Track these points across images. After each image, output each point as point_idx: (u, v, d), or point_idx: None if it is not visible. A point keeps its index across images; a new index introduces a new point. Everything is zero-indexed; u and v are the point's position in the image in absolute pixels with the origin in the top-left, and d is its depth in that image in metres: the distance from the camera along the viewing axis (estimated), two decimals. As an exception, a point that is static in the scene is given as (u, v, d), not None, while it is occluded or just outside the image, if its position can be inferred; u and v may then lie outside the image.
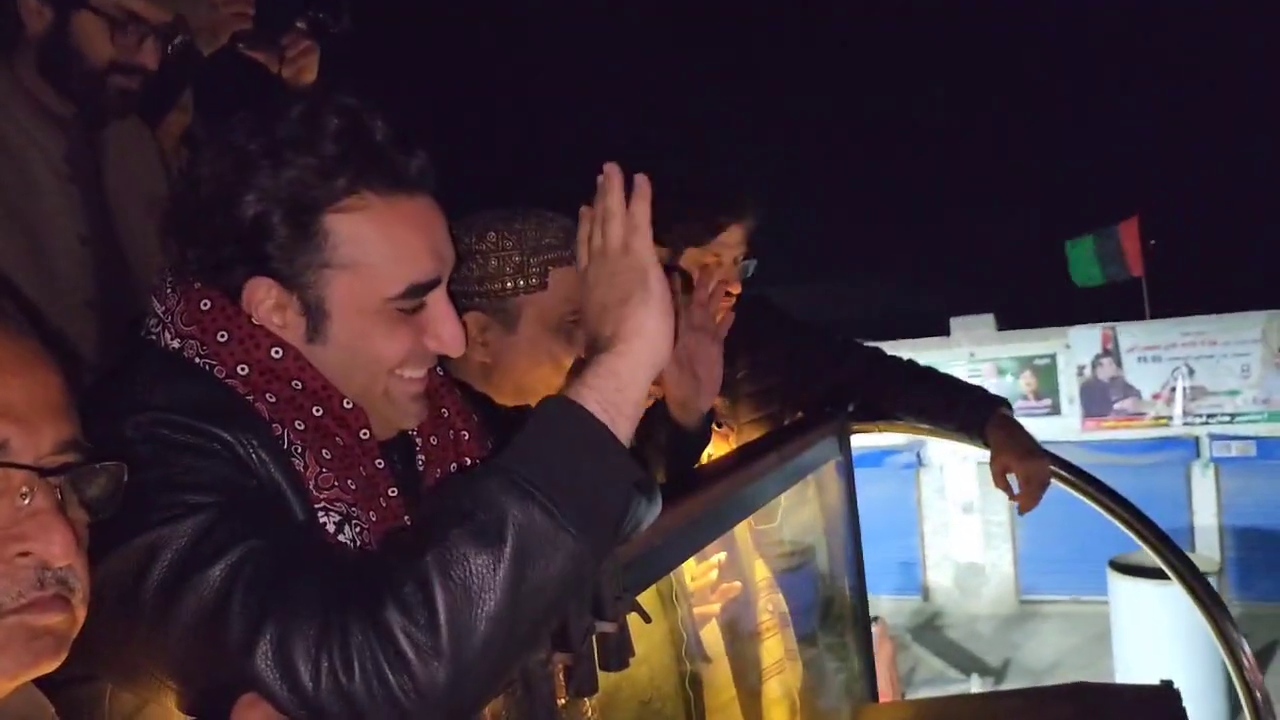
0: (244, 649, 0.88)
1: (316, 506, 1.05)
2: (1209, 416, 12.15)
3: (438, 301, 1.16)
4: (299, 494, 1.04)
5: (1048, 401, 12.47)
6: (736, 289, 2.26)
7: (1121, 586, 9.12)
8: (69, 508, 0.82)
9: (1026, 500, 2.45)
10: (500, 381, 1.60)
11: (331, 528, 1.05)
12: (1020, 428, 2.51)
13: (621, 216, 1.15)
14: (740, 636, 2.08)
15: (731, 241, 2.24)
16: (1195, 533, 12.29)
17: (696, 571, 1.86)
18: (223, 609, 0.90)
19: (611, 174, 1.18)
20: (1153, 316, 12.61)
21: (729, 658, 1.95)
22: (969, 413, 2.52)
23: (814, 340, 2.63)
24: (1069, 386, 12.53)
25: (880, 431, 2.68)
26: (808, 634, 2.46)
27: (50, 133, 1.77)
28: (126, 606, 0.92)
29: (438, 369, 1.27)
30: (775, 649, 2.21)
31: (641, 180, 1.16)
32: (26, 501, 0.79)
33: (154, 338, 1.12)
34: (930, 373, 2.66)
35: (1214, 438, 12.06)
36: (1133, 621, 8.99)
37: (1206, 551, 12.20)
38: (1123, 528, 2.63)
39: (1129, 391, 12.45)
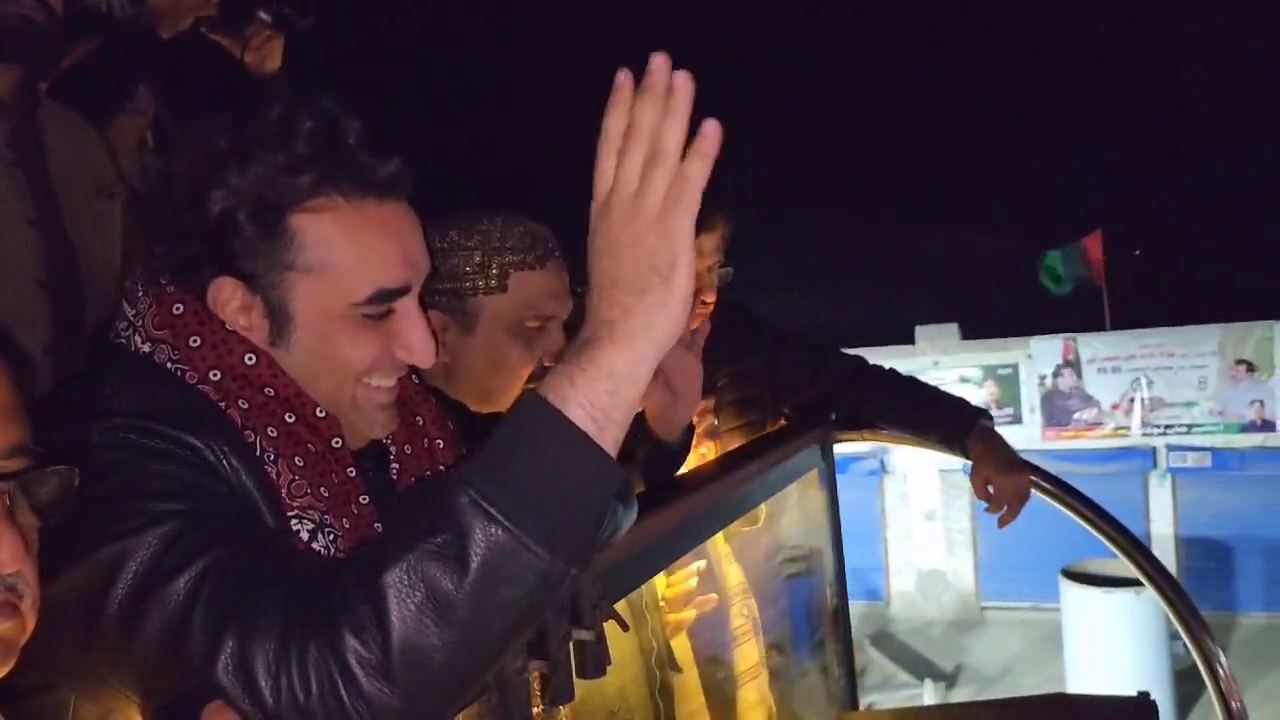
0: (206, 661, 0.88)
1: (289, 514, 1.04)
2: (1166, 427, 12.33)
3: (408, 310, 1.13)
4: (270, 501, 1.03)
5: (1009, 410, 12.58)
6: (712, 298, 2.25)
7: (1073, 594, 9.20)
8: (18, 513, 0.80)
9: (1007, 514, 2.47)
10: (460, 384, 1.59)
11: (305, 535, 1.04)
12: (1001, 440, 2.53)
13: (673, 164, 0.91)
14: (713, 643, 2.08)
15: (706, 249, 2.21)
16: (1152, 541, 12.45)
17: (673, 579, 1.86)
18: (185, 622, 0.89)
19: (679, 86, 0.90)
20: (1113, 328, 12.79)
21: (699, 664, 1.95)
22: (951, 425, 2.53)
23: (794, 350, 2.63)
24: (1030, 396, 12.66)
25: (864, 440, 2.68)
26: (787, 640, 2.47)
27: None
28: (92, 617, 0.91)
29: (412, 376, 1.25)
30: (750, 654, 2.21)
31: (711, 126, 0.90)
32: None
33: (124, 341, 1.10)
34: (913, 384, 2.67)
35: (1171, 448, 12.23)
36: (1083, 629, 9.10)
37: (1162, 560, 12.39)
38: (1102, 539, 2.67)
39: (1089, 401, 12.61)
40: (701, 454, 2.03)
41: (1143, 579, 2.60)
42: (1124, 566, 8.39)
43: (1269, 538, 11.81)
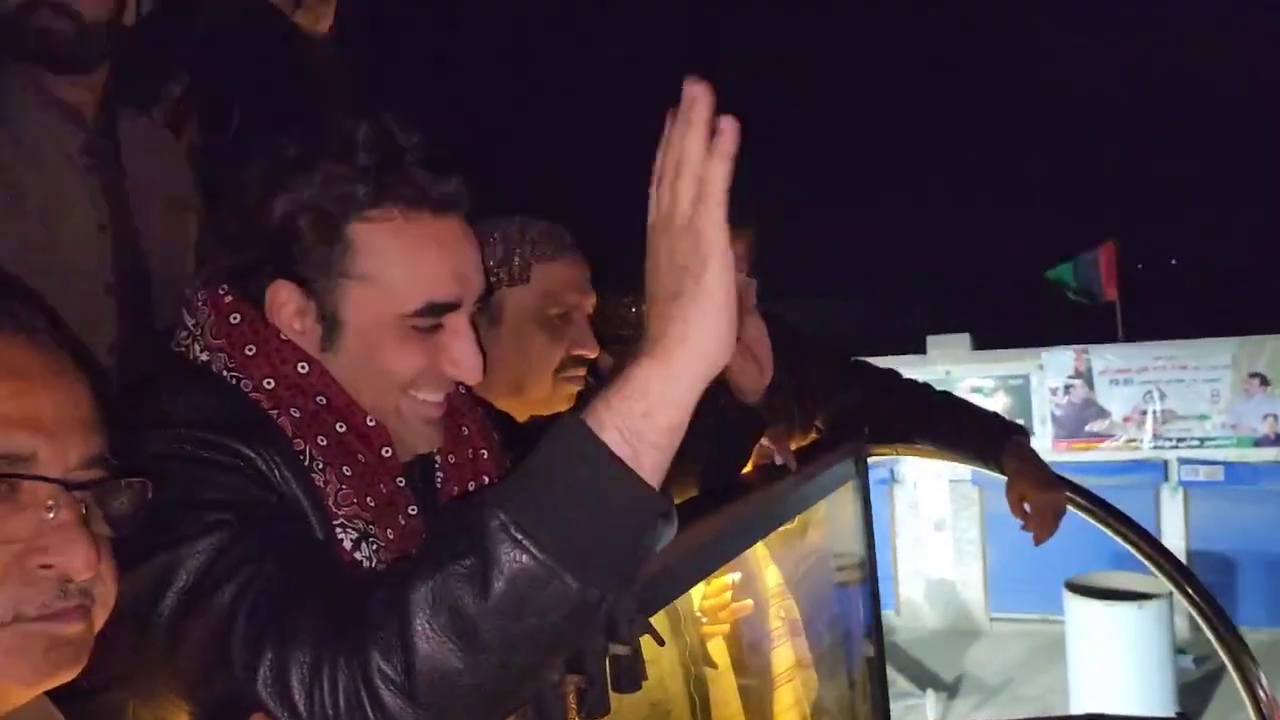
0: (247, 672, 0.90)
1: (335, 522, 1.06)
2: (1179, 440, 12.28)
3: (458, 326, 1.16)
4: (318, 510, 1.06)
5: (1021, 421, 12.56)
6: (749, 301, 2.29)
7: (1076, 607, 9.22)
8: (93, 522, 0.83)
9: (1042, 530, 2.45)
10: (491, 378, 1.61)
11: (349, 544, 1.06)
12: (1036, 456, 2.53)
13: (695, 171, 0.92)
14: (749, 645, 2.10)
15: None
16: (1162, 555, 12.44)
17: (709, 590, 1.88)
18: (228, 632, 0.92)
19: (696, 96, 0.92)
20: (1125, 340, 12.75)
21: (735, 666, 1.97)
22: (985, 442, 2.52)
23: (825, 361, 2.64)
24: (1042, 407, 12.63)
25: (897, 454, 2.70)
26: (822, 646, 2.48)
27: (68, 127, 1.79)
28: (143, 623, 0.95)
29: (459, 387, 1.26)
30: (786, 657, 2.22)
31: (728, 125, 0.91)
32: (51, 515, 0.80)
33: (183, 350, 1.14)
34: (947, 398, 2.68)
35: (1183, 461, 12.19)
36: (1086, 641, 9.13)
37: (1173, 574, 12.34)
38: (1139, 556, 2.65)
39: (1101, 413, 12.57)
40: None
41: (1182, 599, 2.58)
42: (1128, 580, 8.40)
43: (1270, 555, 11.77)
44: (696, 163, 0.92)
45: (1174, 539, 12.35)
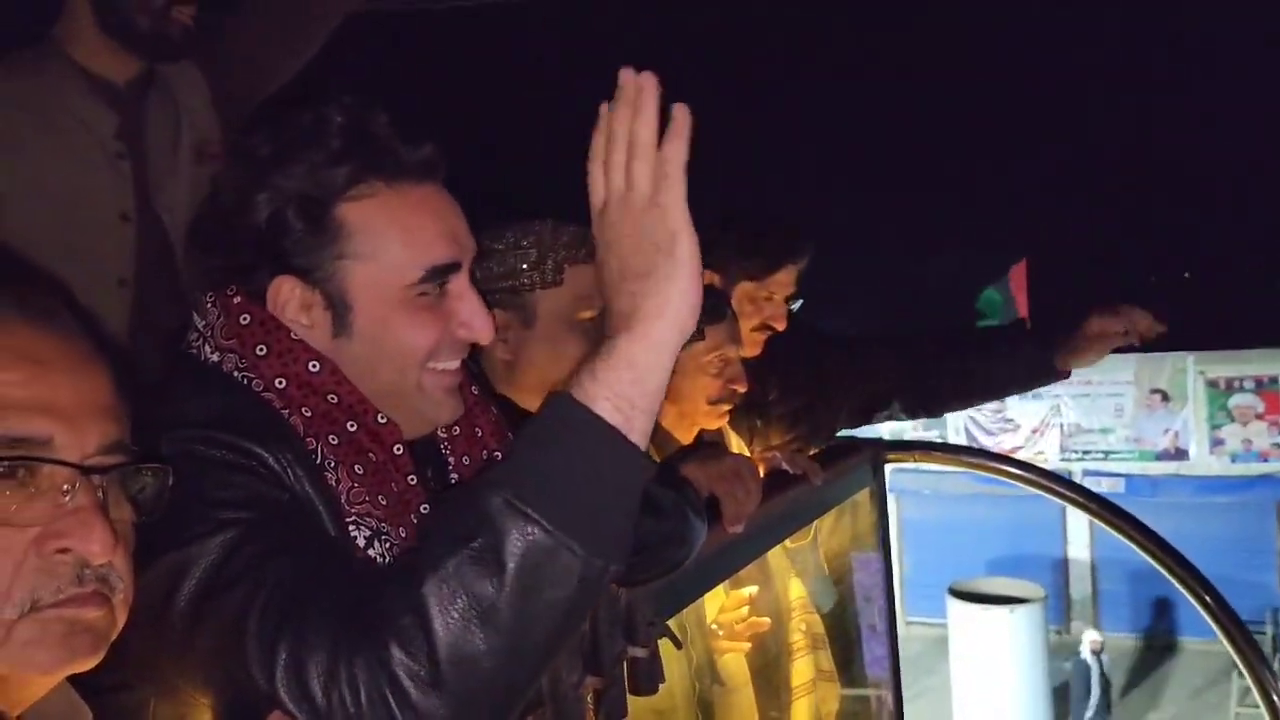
0: (263, 670, 0.91)
1: (347, 521, 1.06)
2: (1084, 453, 12.73)
3: (462, 288, 1.15)
4: (331, 509, 1.06)
5: (935, 434, 12.88)
6: (782, 326, 2.36)
7: (957, 610, 9.71)
8: (112, 508, 0.82)
9: (1150, 325, 2.47)
10: (523, 378, 1.63)
11: (361, 542, 1.06)
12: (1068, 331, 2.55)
13: (650, 154, 0.95)
14: (768, 657, 2.13)
15: (786, 280, 2.34)
16: (1069, 564, 12.86)
17: (727, 604, 1.93)
18: (242, 630, 0.92)
19: (644, 85, 0.96)
20: (1036, 356, 13.15)
21: (754, 678, 2.00)
22: (1033, 348, 2.58)
23: (838, 349, 2.67)
24: (955, 419, 12.96)
25: (915, 462, 2.76)
26: (839, 657, 2.50)
27: (101, 111, 1.78)
28: (159, 621, 0.95)
29: (471, 388, 1.27)
30: (805, 670, 2.26)
31: (681, 111, 0.96)
32: (68, 499, 0.80)
33: (194, 351, 1.14)
34: (957, 341, 2.71)
35: (1087, 473, 12.60)
36: (966, 642, 9.63)
37: (1078, 583, 12.79)
38: (1166, 574, 2.63)
39: (1010, 426, 12.98)
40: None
41: (1201, 611, 2.56)
42: (1007, 586, 8.77)
43: (1177, 562, 12.21)
44: (649, 146, 0.95)
45: (1080, 549, 12.79)
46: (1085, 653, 10.06)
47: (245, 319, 1.12)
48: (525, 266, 1.63)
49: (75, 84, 1.76)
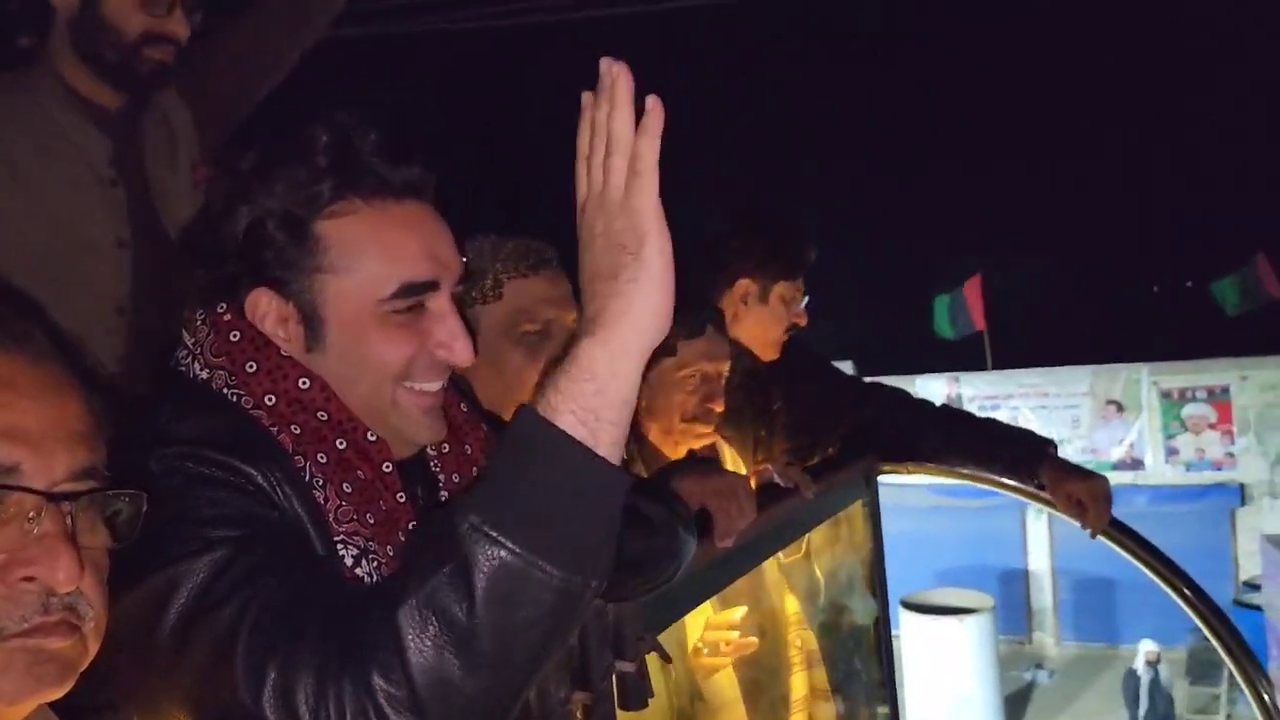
0: (251, 691, 0.90)
1: (336, 539, 1.06)
2: (1042, 464, 12.86)
3: (441, 308, 1.14)
4: (319, 527, 1.06)
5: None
6: (805, 322, 2.44)
7: (908, 620, 9.87)
8: (82, 535, 0.81)
9: (1099, 518, 2.54)
10: (471, 396, 1.62)
11: (350, 561, 1.06)
12: (1066, 461, 2.63)
13: (626, 148, 0.93)
14: (762, 674, 2.12)
15: (802, 280, 2.43)
16: (1030, 575, 12.98)
17: (714, 621, 1.92)
18: (230, 650, 0.92)
19: (617, 76, 0.94)
20: (994, 368, 13.32)
21: (745, 695, 1.99)
22: (1021, 451, 2.61)
23: (838, 380, 2.74)
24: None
25: (910, 473, 2.73)
26: (835, 672, 2.51)
27: (94, 135, 1.76)
28: (146, 640, 0.94)
29: (461, 405, 1.27)
30: (800, 686, 2.26)
31: (654, 104, 0.93)
32: (34, 527, 0.79)
33: (183, 368, 1.14)
34: (968, 416, 2.77)
35: (1046, 484, 12.74)
36: (916, 651, 9.82)
37: (1038, 593, 12.91)
38: (1164, 587, 2.73)
39: (970, 438, 13.10)
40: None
41: (1199, 623, 2.66)
42: (957, 597, 9.00)
43: (1135, 572, 12.39)
44: (625, 141, 0.93)
45: (1040, 560, 12.91)
46: (1139, 664, 10.20)
47: (235, 336, 1.13)
48: (467, 283, 1.64)
49: (68, 106, 1.74)
